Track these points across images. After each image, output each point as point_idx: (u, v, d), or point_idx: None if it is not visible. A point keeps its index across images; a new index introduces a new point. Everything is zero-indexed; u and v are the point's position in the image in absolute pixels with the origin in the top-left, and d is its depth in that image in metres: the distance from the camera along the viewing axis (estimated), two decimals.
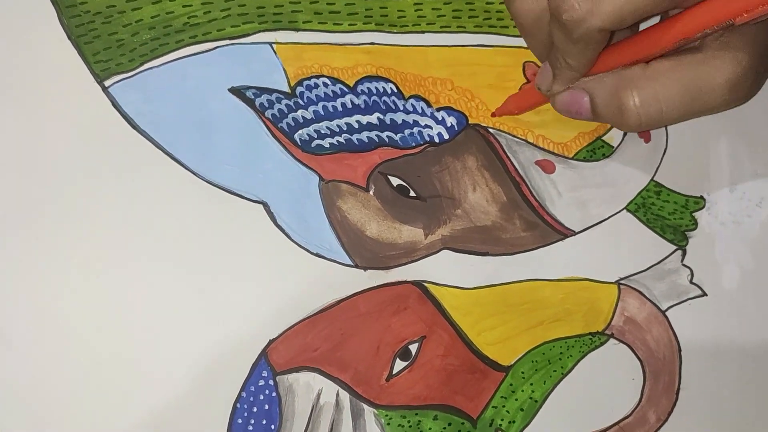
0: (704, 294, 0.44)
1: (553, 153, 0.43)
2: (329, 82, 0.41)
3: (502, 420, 0.41)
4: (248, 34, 0.41)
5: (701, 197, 0.44)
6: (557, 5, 0.29)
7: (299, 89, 0.41)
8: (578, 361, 0.42)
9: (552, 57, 0.33)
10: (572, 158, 0.43)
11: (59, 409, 0.37)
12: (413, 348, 0.40)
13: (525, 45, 0.43)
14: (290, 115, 0.40)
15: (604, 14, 0.29)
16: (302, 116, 0.41)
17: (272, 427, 0.38)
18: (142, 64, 0.39)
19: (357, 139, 0.41)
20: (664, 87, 0.31)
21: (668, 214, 0.44)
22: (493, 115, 0.42)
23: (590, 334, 0.42)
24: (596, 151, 0.44)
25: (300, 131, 0.41)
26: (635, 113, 0.31)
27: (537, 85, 0.35)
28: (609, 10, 0.29)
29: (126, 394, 0.37)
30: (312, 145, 0.41)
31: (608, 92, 0.32)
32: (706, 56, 0.32)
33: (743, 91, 0.33)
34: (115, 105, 0.39)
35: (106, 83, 0.39)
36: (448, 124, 0.42)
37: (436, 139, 0.42)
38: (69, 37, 0.39)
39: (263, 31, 0.41)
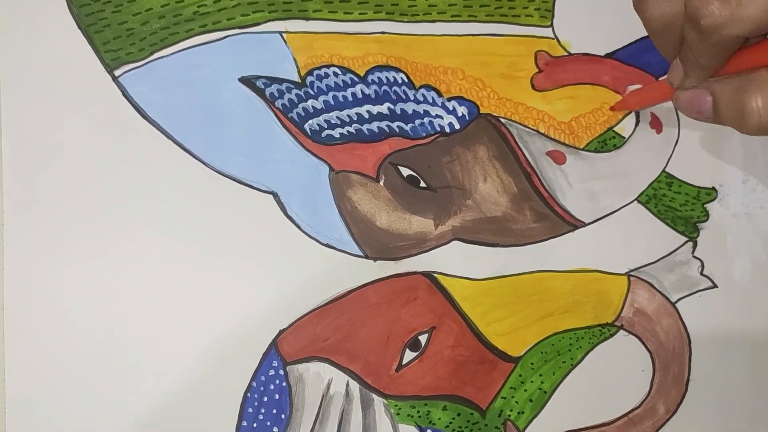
0: (715, 286, 0.43)
1: (564, 144, 0.43)
2: (340, 72, 0.41)
3: (511, 410, 0.41)
4: (258, 23, 0.40)
5: (713, 188, 0.44)
6: (695, 10, 0.29)
7: (309, 79, 0.41)
8: (587, 353, 0.42)
9: (683, 55, 0.33)
10: (583, 149, 0.43)
11: (73, 394, 0.37)
12: (423, 339, 0.40)
13: (537, 34, 0.43)
14: (300, 105, 0.40)
15: (745, 22, 0.28)
16: (312, 106, 0.40)
17: (282, 416, 0.39)
18: (152, 53, 0.39)
19: (367, 129, 0.41)
20: None
21: (680, 205, 0.44)
22: (612, 109, 0.43)
23: (600, 325, 0.42)
24: (607, 141, 0.43)
25: (310, 121, 0.40)
26: (756, 115, 0.31)
27: (669, 80, 0.35)
28: (750, 17, 0.28)
29: (138, 384, 0.38)
30: (322, 135, 0.40)
31: (732, 93, 0.32)
32: None
33: None
34: (125, 94, 0.39)
35: (116, 73, 0.39)
36: (459, 114, 0.42)
37: (447, 129, 0.42)
38: (79, 26, 0.38)
39: (273, 20, 0.40)
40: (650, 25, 0.33)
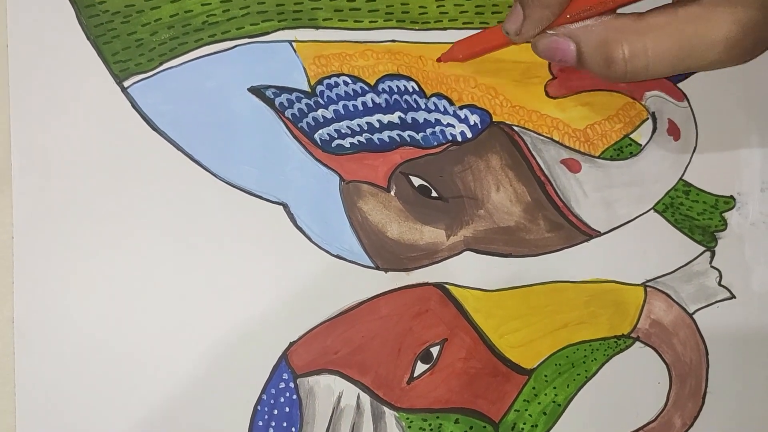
0: (733, 296, 0.43)
1: (579, 152, 0.42)
2: (350, 81, 0.40)
3: (524, 424, 0.40)
4: (268, 33, 0.40)
5: (731, 197, 0.43)
6: None
7: (319, 88, 0.40)
8: (603, 365, 0.41)
9: None
10: (599, 157, 0.42)
11: (81, 405, 0.37)
12: (435, 351, 0.40)
13: None
14: (310, 115, 0.40)
15: None
16: (322, 116, 0.40)
17: (293, 429, 0.38)
18: (161, 63, 0.39)
19: (378, 138, 0.40)
20: (656, 42, 0.30)
21: (697, 214, 0.43)
22: (439, 60, 0.41)
23: (615, 337, 0.42)
24: (623, 149, 0.43)
25: (320, 131, 0.40)
26: (622, 65, 0.30)
27: (504, 29, 0.34)
28: None
29: (146, 396, 0.37)
30: (332, 145, 0.40)
31: (596, 42, 0.31)
32: (704, 10, 0.30)
33: (742, 50, 0.31)
34: (135, 106, 0.38)
35: (126, 84, 0.38)
36: (471, 122, 0.41)
37: (459, 138, 0.41)
38: (88, 37, 0.38)
39: (283, 29, 0.40)
40: None
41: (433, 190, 0.41)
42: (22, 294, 0.37)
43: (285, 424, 0.38)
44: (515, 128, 0.42)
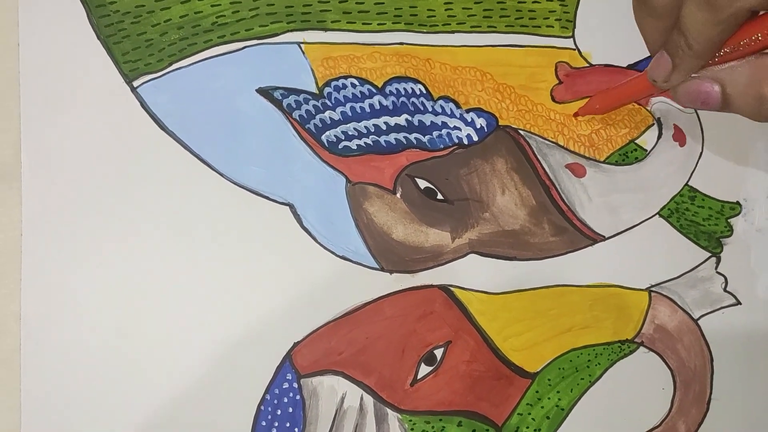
0: (738, 303, 0.43)
1: (584, 156, 0.42)
2: (357, 83, 0.41)
3: (527, 427, 0.40)
4: (276, 34, 0.40)
5: (737, 203, 0.43)
6: None
7: (327, 90, 0.40)
8: (606, 369, 0.41)
9: (673, 45, 0.31)
10: (604, 162, 0.42)
11: (86, 404, 0.37)
12: (438, 353, 0.40)
13: (558, 45, 0.43)
14: (318, 116, 0.40)
15: None
16: (330, 117, 0.40)
17: (296, 430, 0.38)
18: (170, 64, 0.39)
19: (385, 140, 0.41)
20: None
21: (703, 219, 0.43)
22: (576, 115, 0.42)
23: (619, 341, 0.42)
24: (629, 154, 0.43)
25: (327, 132, 0.40)
26: None
27: (650, 77, 0.33)
28: None
29: (150, 395, 0.37)
30: (339, 147, 0.40)
31: (744, 82, 0.30)
32: None
33: None
34: (144, 105, 0.39)
35: (135, 83, 0.39)
36: (478, 126, 0.42)
37: (465, 141, 0.41)
38: (98, 37, 0.39)
39: (292, 30, 0.40)
40: (653, 5, 0.30)
41: (438, 193, 0.41)
42: (29, 290, 0.37)
43: (288, 425, 0.38)
44: (521, 132, 0.42)
